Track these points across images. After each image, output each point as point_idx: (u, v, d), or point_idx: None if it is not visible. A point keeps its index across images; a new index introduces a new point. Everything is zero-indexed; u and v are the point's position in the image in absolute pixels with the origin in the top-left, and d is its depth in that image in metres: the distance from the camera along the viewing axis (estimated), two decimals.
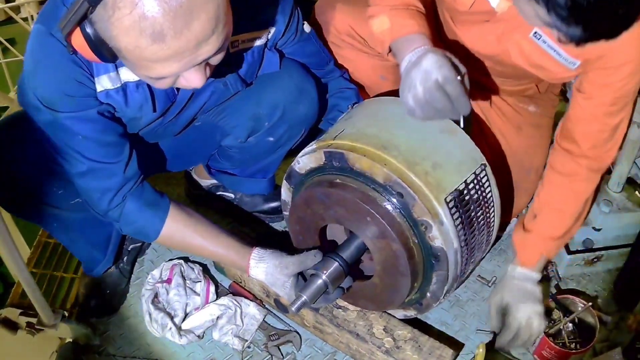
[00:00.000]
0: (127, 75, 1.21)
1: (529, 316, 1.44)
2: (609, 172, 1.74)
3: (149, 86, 1.26)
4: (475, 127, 1.75)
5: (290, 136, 1.59)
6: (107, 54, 1.01)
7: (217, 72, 1.21)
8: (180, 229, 1.38)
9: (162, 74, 1.02)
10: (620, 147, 1.46)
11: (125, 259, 1.70)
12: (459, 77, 1.19)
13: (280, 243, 1.45)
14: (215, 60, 1.07)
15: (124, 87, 1.23)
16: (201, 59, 1.02)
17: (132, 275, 1.74)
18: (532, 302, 1.46)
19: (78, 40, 1.00)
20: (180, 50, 0.96)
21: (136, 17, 0.90)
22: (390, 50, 1.37)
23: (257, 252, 1.40)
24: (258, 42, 1.36)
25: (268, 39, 1.39)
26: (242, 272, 1.45)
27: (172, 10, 0.90)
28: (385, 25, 1.34)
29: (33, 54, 1.15)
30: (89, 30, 0.97)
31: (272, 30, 1.37)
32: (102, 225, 1.53)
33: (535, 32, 1.28)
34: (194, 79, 1.06)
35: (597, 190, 1.53)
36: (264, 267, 1.38)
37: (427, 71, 1.19)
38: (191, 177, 1.92)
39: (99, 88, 1.19)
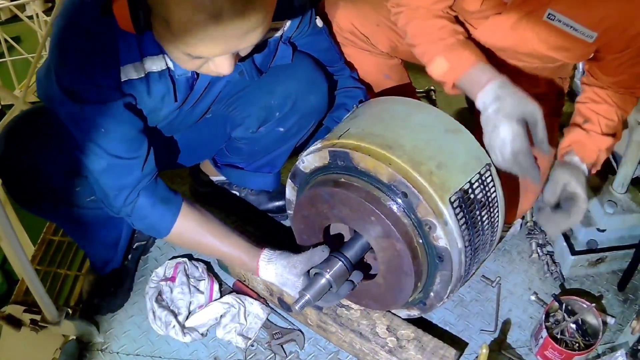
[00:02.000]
0: (150, 65, 1.22)
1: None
2: (613, 172, 1.74)
3: (170, 76, 1.27)
4: (481, 128, 1.75)
5: (299, 127, 1.60)
6: (144, 25, 1.03)
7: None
8: (191, 227, 1.37)
9: (203, 53, 1.04)
10: None
11: (130, 256, 1.71)
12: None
13: (285, 242, 1.46)
14: (246, 51, 1.10)
15: (147, 77, 1.24)
16: (242, 47, 1.04)
17: (137, 273, 1.75)
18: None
19: (120, 4, 1.03)
20: (230, 34, 0.99)
21: None
22: (454, 85, 1.40)
23: (266, 253, 1.40)
24: (274, 34, 1.37)
25: (283, 31, 1.40)
26: (252, 273, 1.45)
27: None
28: (444, 66, 1.37)
29: (58, 43, 1.15)
30: None
31: (288, 23, 1.38)
32: (114, 225, 1.54)
33: (549, 13, 1.29)
34: (224, 66, 1.09)
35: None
36: (273, 269, 1.38)
37: (504, 142, 1.28)
38: (196, 176, 1.92)
39: (123, 77, 1.20)
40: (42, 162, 1.30)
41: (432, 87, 2.49)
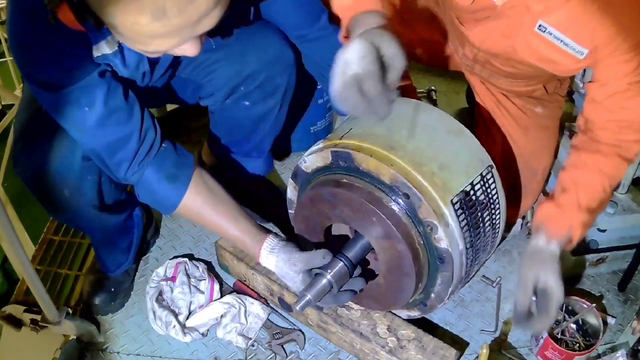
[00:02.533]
0: None
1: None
2: None
3: None
4: (482, 128, 1.75)
5: (266, 104, 1.58)
6: (96, 25, 0.96)
7: None
8: (198, 205, 1.37)
9: (160, 49, 0.99)
10: None
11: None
12: (383, 73, 1.11)
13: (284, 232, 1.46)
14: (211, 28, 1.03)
15: (120, 49, 1.18)
16: (200, 32, 0.98)
17: (137, 273, 1.75)
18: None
19: (64, 11, 0.95)
20: (181, 26, 0.92)
21: None
22: (347, 34, 1.26)
23: (269, 241, 1.40)
24: None
25: None
26: (254, 258, 1.46)
27: None
28: (346, 2, 1.25)
29: (17, 39, 1.10)
30: (76, 2, 0.92)
31: None
32: (129, 229, 1.59)
33: (540, 25, 1.26)
34: (189, 50, 1.03)
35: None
36: (274, 260, 1.39)
37: (347, 62, 1.08)
38: (201, 160, 1.92)
39: (96, 53, 1.15)
40: (61, 165, 1.28)
41: (433, 87, 2.48)
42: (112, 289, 1.64)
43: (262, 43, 1.48)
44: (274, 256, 1.39)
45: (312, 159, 1.37)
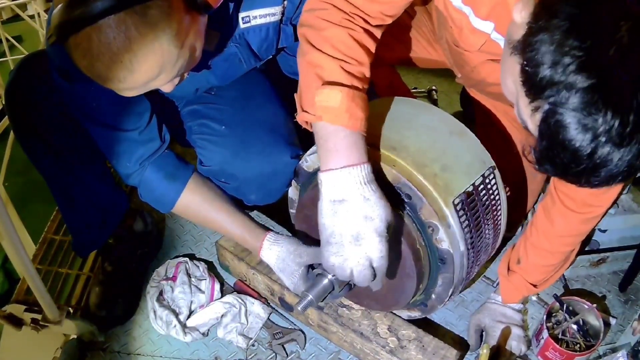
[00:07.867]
0: None
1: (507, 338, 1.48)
2: None
3: None
4: (481, 129, 1.74)
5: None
6: None
7: (225, 46, 1.34)
8: (196, 202, 1.43)
9: (131, 95, 1.09)
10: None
11: (134, 265, 1.70)
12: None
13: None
14: (184, 71, 1.12)
15: None
16: (156, 87, 1.08)
17: None
18: (511, 325, 1.50)
19: None
20: (129, 87, 1.04)
21: (88, 63, 1.00)
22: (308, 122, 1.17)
23: (272, 235, 1.43)
24: (272, 19, 1.35)
25: (283, 14, 1.37)
26: (254, 253, 1.48)
27: (114, 62, 0.98)
28: (334, 102, 1.08)
29: (48, 24, 1.19)
30: None
31: (286, 3, 1.34)
32: (101, 205, 1.58)
33: None
34: (163, 88, 1.13)
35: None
36: (277, 251, 1.39)
37: (367, 256, 1.10)
38: None
39: None
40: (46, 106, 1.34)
41: (434, 87, 2.49)
42: (120, 300, 1.63)
43: (264, 149, 1.46)
44: (277, 247, 1.40)
45: (313, 158, 1.36)
